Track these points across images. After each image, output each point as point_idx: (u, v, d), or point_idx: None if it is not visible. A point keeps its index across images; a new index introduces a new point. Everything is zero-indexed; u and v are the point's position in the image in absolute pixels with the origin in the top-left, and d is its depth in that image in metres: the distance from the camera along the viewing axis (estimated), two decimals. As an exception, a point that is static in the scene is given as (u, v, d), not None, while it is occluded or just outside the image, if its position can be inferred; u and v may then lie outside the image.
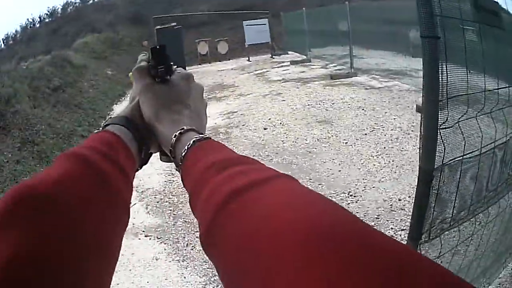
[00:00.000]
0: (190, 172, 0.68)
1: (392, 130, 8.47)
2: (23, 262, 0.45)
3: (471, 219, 2.48)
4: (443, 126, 1.91)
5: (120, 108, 14.93)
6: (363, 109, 10.20)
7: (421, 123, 1.95)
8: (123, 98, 17.44)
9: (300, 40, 22.38)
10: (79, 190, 0.59)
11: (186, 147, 0.73)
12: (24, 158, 8.51)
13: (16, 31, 41.14)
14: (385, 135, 8.28)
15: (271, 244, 0.40)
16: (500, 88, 2.39)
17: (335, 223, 0.40)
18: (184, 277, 4.73)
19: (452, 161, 2.07)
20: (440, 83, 1.86)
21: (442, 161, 1.98)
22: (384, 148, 7.65)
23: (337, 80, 14.22)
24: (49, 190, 0.54)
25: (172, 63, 0.95)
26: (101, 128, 0.82)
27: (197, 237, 5.33)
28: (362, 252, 0.35)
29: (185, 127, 0.79)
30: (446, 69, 1.87)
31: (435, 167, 1.97)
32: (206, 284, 4.57)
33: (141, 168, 0.89)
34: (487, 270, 3.13)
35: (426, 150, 1.96)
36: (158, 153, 0.94)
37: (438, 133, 1.91)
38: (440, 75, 1.86)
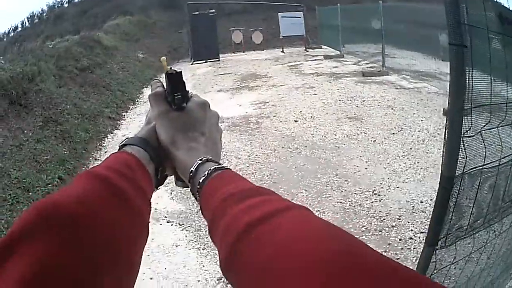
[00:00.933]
0: (209, 202, 0.71)
1: (419, 131, 8.42)
2: (45, 278, 0.46)
3: (486, 228, 2.47)
4: (467, 135, 1.92)
5: (149, 92, 14.85)
6: (392, 109, 10.17)
7: (445, 129, 1.96)
8: None
9: (334, 35, 22.17)
10: (100, 209, 0.60)
11: (203, 177, 0.76)
12: (45, 137, 8.40)
13: (42, 9, 40.96)
14: (412, 136, 8.25)
15: (287, 276, 0.43)
16: None
17: (348, 253, 0.43)
18: (203, 266, 4.72)
19: (472, 169, 2.07)
20: (466, 91, 1.88)
21: (463, 169, 1.99)
22: (411, 149, 7.64)
23: (368, 77, 14.15)
24: (72, 207, 0.56)
25: (188, 90, 0.98)
26: (118, 148, 0.85)
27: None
28: (378, 283, 0.38)
29: (203, 158, 0.82)
30: (472, 78, 1.88)
31: (456, 174, 1.98)
32: None
33: (157, 188, 0.91)
34: (496, 280, 3.12)
35: (449, 157, 1.97)
36: (173, 177, 0.96)
37: (461, 141, 1.92)
38: (466, 83, 1.87)
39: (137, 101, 14.01)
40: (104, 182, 0.66)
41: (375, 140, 8.24)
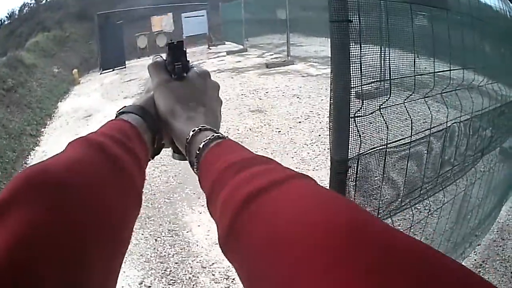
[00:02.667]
0: (208, 172, 0.67)
1: (327, 117, 8.41)
2: (32, 240, 0.43)
3: (409, 209, 2.40)
4: (358, 114, 1.78)
5: (64, 106, 15.34)
6: (298, 97, 10.28)
7: (330, 112, 1.82)
8: (67, 95, 17.48)
9: (237, 30, 22.34)
10: (91, 174, 0.58)
11: (201, 146, 0.73)
12: None
13: None
14: (320, 122, 8.28)
15: (293, 247, 0.40)
16: (438, 72, 2.27)
17: (355, 224, 0.39)
18: (124, 271, 4.71)
19: (372, 150, 1.96)
20: (352, 69, 1.72)
21: (359, 151, 1.86)
22: (319, 135, 7.66)
23: (272, 68, 14.30)
24: (60, 173, 0.53)
25: (189, 60, 0.93)
26: (115, 116, 0.82)
27: (133, 231, 5.35)
28: (384, 254, 0.35)
29: (201, 126, 0.79)
30: (360, 54, 1.73)
31: (349, 157, 1.85)
32: (144, 277, 4.62)
33: (153, 158, 0.88)
34: None
35: (337, 140, 1.84)
36: (170, 150, 0.94)
37: (352, 122, 1.78)
38: (350, 60, 1.71)
39: (53, 116, 14.11)
40: (97, 148, 0.64)
41: (280, 131, 8.31)
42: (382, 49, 1.94)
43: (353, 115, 1.76)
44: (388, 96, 1.92)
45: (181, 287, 4.38)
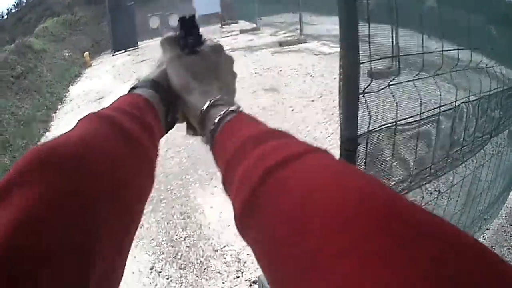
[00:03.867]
0: (223, 147, 0.66)
1: (340, 95, 8.42)
2: (38, 218, 0.43)
3: (419, 189, 2.39)
4: (367, 91, 1.74)
5: (75, 89, 15.33)
6: (311, 76, 10.21)
7: (339, 87, 1.76)
8: (78, 79, 17.43)
9: (250, 8, 22.11)
10: (104, 148, 0.57)
11: (216, 120, 0.71)
12: None
13: None
14: (333, 101, 8.16)
15: (314, 223, 0.39)
16: (446, 50, 2.21)
17: (377, 200, 0.38)
18: (134, 256, 4.72)
19: (381, 127, 1.92)
20: (361, 47, 1.67)
21: (368, 128, 1.83)
22: (332, 114, 7.59)
23: (286, 47, 14.26)
24: (71, 149, 0.52)
25: (201, 34, 0.92)
26: (128, 90, 0.81)
27: (144, 214, 5.31)
28: (406, 229, 0.34)
29: (215, 98, 0.77)
30: (369, 31, 1.68)
31: (358, 134, 1.82)
32: (155, 262, 4.62)
33: (167, 132, 0.86)
34: None
35: (346, 117, 1.80)
36: (184, 126, 0.92)
37: (362, 98, 1.74)
38: (360, 38, 1.67)
39: (64, 100, 14.06)
40: (109, 122, 0.63)
41: (293, 109, 8.29)
42: (391, 27, 1.91)
43: (362, 91, 1.72)
44: (398, 73, 1.90)
45: (192, 271, 4.38)
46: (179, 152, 7.29)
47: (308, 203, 0.41)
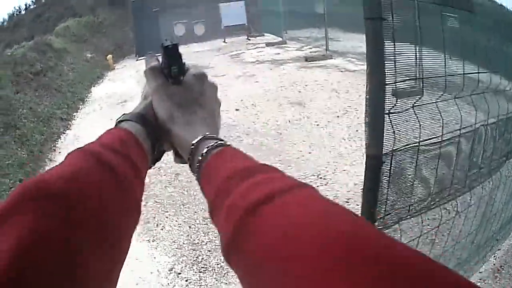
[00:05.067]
0: (211, 180, 0.68)
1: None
2: (37, 245, 0.46)
3: (438, 208, 2.44)
4: (392, 111, 1.83)
5: (97, 91, 15.22)
6: (336, 92, 10.20)
7: (366, 107, 1.86)
8: (101, 81, 17.37)
9: (276, 21, 22.08)
10: (89, 185, 0.59)
11: (204, 152, 0.74)
12: (6, 142, 8.62)
13: (3, 19, 41.51)
14: (357, 118, 8.20)
15: (293, 262, 0.41)
16: (467, 74, 2.30)
17: (355, 239, 0.41)
18: (154, 257, 4.82)
19: (406, 146, 2.00)
20: (387, 66, 1.77)
21: (392, 147, 1.91)
22: (357, 131, 7.61)
23: (311, 62, 14.17)
24: (60, 184, 0.55)
25: (184, 62, 0.94)
26: (115, 124, 0.83)
27: (166, 217, 5.53)
28: (385, 267, 0.36)
29: (203, 135, 0.79)
30: (394, 51, 1.79)
31: (384, 153, 1.90)
32: (174, 264, 4.67)
33: (154, 165, 0.89)
34: (465, 263, 3.11)
35: (372, 136, 1.88)
36: (171, 153, 0.94)
37: (387, 118, 1.83)
38: (384, 57, 1.77)
39: (86, 101, 13.96)
40: (96, 158, 0.65)
41: (318, 124, 8.28)
42: (415, 48, 1.99)
43: (387, 112, 1.80)
44: (421, 94, 1.96)
45: (212, 275, 4.43)
46: None
47: (286, 243, 0.44)
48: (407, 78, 1.89)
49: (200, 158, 0.74)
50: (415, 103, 1.93)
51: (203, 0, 27.14)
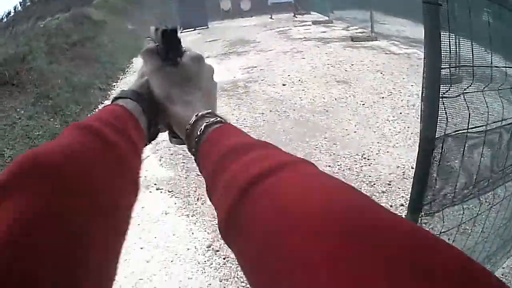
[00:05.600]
0: (208, 157, 0.69)
1: (409, 96, 8.39)
2: (30, 224, 0.45)
3: (477, 198, 2.44)
4: (446, 95, 1.88)
5: (139, 62, 14.85)
6: (381, 73, 10.12)
7: (422, 89, 1.92)
8: None
9: (322, 1, 22.09)
10: (85, 159, 0.58)
11: (201, 130, 0.74)
12: (37, 113, 8.46)
13: None
14: (402, 100, 8.23)
15: (291, 235, 0.41)
16: (508, 67, 2.36)
17: (354, 211, 0.40)
18: (192, 233, 4.76)
19: (456, 132, 2.04)
20: (443, 52, 1.82)
21: (445, 131, 1.95)
22: (401, 113, 7.62)
23: (357, 42, 14.11)
24: (55, 158, 0.54)
25: (181, 45, 0.94)
26: (111, 101, 0.83)
27: None
28: (382, 241, 0.36)
29: (201, 112, 0.79)
30: (449, 38, 1.83)
31: (436, 136, 1.94)
32: (213, 241, 4.57)
33: (150, 143, 0.90)
34: (492, 256, 3.08)
35: (428, 118, 1.93)
36: (167, 134, 0.95)
37: (441, 101, 1.88)
38: (441, 42, 1.81)
39: (127, 71, 13.91)
40: (92, 133, 0.64)
41: (364, 104, 8.26)
42: (466, 37, 2.03)
43: (441, 95, 1.86)
44: (471, 82, 1.99)
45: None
46: (249, 132, 6.93)
47: (284, 217, 0.43)
48: (458, 65, 1.95)
49: (197, 136, 0.74)
50: (465, 89, 1.97)
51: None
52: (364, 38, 14.74)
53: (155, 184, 5.95)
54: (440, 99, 1.87)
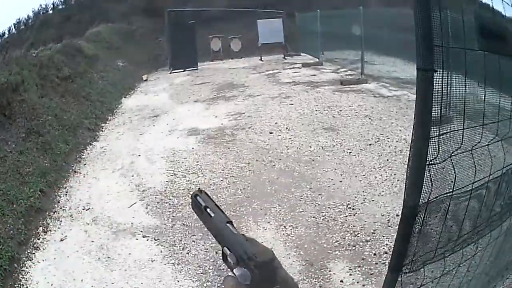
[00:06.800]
0: None
1: (397, 141, 8.46)
2: None
3: (459, 251, 2.35)
4: (433, 162, 1.83)
5: (128, 102, 15.33)
6: (370, 118, 10.23)
7: (409, 157, 1.85)
8: (132, 92, 17.49)
9: (313, 42, 22.29)
10: None
11: None
12: (28, 149, 8.44)
13: (28, 16, 40.39)
14: (389, 146, 8.29)
15: None
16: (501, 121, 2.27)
17: None
18: (178, 281, 4.81)
19: (440, 196, 1.98)
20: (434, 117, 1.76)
21: (428, 197, 1.90)
22: (387, 160, 7.66)
23: (347, 86, 14.23)
24: None
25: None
26: None
27: (193, 241, 5.54)
28: None
29: None
30: (441, 104, 1.76)
31: (419, 203, 1.90)
32: None
33: None
34: None
35: (412, 187, 1.88)
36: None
37: (427, 170, 1.82)
38: (431, 111, 1.73)
39: (115, 112, 14.03)
40: None
41: (350, 152, 8.32)
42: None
43: (428, 163, 1.81)
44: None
45: (234, 305, 4.43)
46: (235, 183, 7.33)
47: None
48: (450, 130, 1.90)
49: None
50: (453, 152, 1.92)
51: (241, 15, 27.19)
52: (354, 81, 14.87)
53: (141, 232, 6.02)
54: (427, 167, 1.81)
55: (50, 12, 40.05)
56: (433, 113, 1.76)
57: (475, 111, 2.14)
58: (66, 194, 7.64)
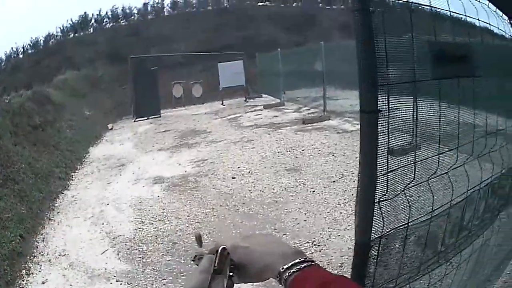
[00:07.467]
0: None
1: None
2: None
3: (423, 277, 2.34)
4: (382, 199, 1.81)
5: (95, 151, 15.45)
6: (333, 155, 10.33)
7: (357, 195, 1.85)
8: (99, 141, 17.63)
9: (274, 82, 22.41)
10: None
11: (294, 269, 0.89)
12: (6, 195, 8.51)
13: (0, 58, 40.56)
14: (354, 181, 8.22)
15: None
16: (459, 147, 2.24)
17: None
18: None
19: (393, 229, 1.97)
20: (379, 160, 1.75)
21: (381, 233, 1.89)
22: (352, 195, 7.60)
23: (309, 124, 14.36)
24: None
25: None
26: None
27: (164, 284, 5.62)
28: None
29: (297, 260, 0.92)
30: (388, 140, 1.75)
31: (371, 238, 1.88)
32: None
33: None
34: None
35: (361, 223, 1.87)
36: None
37: (377, 207, 1.81)
38: (377, 150, 1.74)
39: (83, 161, 14.08)
40: None
41: (314, 191, 8.34)
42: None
43: (378, 200, 1.80)
44: (413, 177, 1.93)
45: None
46: (200, 228, 7.36)
47: None
48: (397, 167, 1.85)
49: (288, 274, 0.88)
50: (405, 186, 1.91)
51: (201, 59, 27.30)
52: (317, 119, 15.01)
53: (115, 276, 6.08)
54: (376, 204, 1.80)
55: (21, 56, 40.33)
56: (385, 148, 1.75)
57: (446, 134, 2.15)
58: (43, 240, 7.68)
